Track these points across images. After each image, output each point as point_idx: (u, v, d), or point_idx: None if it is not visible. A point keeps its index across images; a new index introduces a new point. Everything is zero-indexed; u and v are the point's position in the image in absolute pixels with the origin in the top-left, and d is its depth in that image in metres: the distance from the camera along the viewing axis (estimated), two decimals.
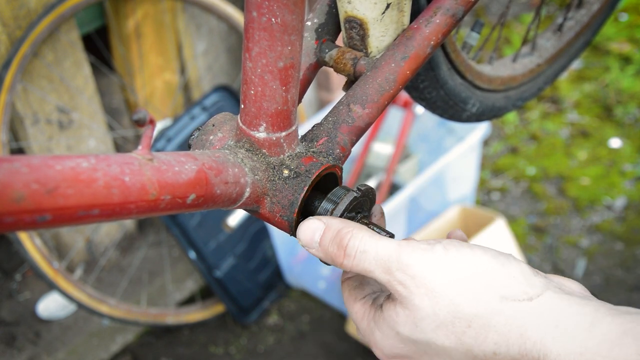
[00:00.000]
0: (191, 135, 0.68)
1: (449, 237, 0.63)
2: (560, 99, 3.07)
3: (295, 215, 0.62)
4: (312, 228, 0.57)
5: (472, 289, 0.51)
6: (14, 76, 1.79)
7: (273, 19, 0.55)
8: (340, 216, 0.59)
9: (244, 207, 0.63)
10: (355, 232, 0.55)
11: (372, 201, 0.65)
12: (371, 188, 0.64)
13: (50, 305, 2.17)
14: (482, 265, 0.52)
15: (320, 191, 0.66)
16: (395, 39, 0.76)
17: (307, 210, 0.64)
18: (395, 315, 0.54)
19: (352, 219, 0.62)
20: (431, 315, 0.52)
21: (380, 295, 0.60)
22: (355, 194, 0.61)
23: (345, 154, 0.69)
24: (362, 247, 0.54)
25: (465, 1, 0.75)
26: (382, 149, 2.49)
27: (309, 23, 0.78)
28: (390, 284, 0.53)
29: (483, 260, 0.52)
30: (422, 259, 0.52)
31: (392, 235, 0.60)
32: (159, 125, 2.21)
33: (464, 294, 0.51)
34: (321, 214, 0.61)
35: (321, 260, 0.61)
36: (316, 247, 0.57)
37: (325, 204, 0.61)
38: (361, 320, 0.59)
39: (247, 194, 0.61)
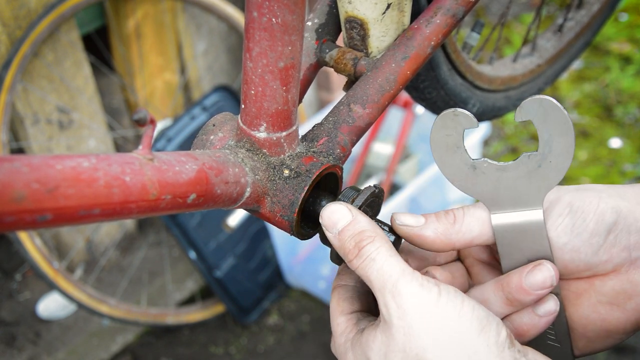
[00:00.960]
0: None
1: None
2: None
3: (295, 215, 0.62)
4: (339, 214, 0.58)
5: (444, 344, 0.52)
6: (14, 76, 1.79)
7: (273, 19, 0.55)
8: (360, 207, 0.60)
9: (244, 206, 0.63)
10: (376, 240, 0.56)
11: (381, 203, 0.65)
12: (383, 190, 0.64)
13: (51, 305, 2.17)
14: (463, 326, 0.52)
15: (322, 191, 0.66)
16: (395, 39, 0.76)
17: (311, 209, 0.64)
18: (372, 340, 0.55)
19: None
20: (401, 351, 0.53)
21: (364, 319, 0.60)
22: (374, 189, 0.62)
23: (346, 154, 0.69)
24: (374, 255, 0.55)
25: (466, 1, 0.75)
26: (382, 149, 2.49)
27: (309, 23, 0.78)
28: (379, 301, 0.54)
29: (465, 320, 0.53)
30: (415, 294, 0.53)
31: (398, 239, 0.60)
32: (159, 125, 2.21)
33: (435, 346, 0.52)
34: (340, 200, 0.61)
35: (324, 242, 0.61)
36: (334, 233, 0.58)
37: (346, 192, 0.61)
38: (340, 335, 0.59)
39: (247, 194, 0.61)
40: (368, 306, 0.62)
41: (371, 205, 0.62)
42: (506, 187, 0.59)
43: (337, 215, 0.58)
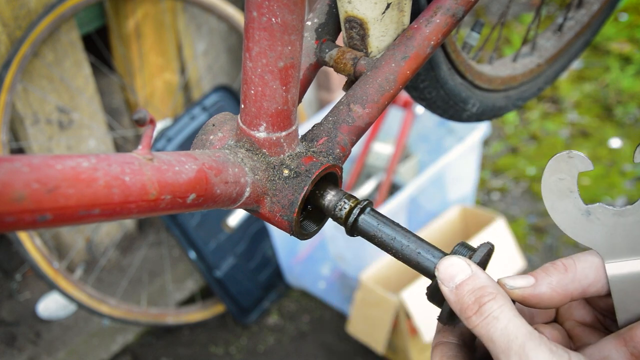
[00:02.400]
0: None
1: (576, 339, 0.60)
2: (560, 99, 3.07)
3: (295, 215, 0.62)
4: (457, 267, 0.55)
5: None
6: (14, 76, 1.79)
7: (273, 19, 0.55)
8: (478, 264, 0.57)
9: (244, 206, 0.63)
10: (498, 297, 0.53)
11: (489, 261, 0.62)
12: (494, 248, 0.61)
13: (51, 305, 2.17)
14: None
15: (327, 188, 0.66)
16: (395, 39, 0.76)
17: (315, 204, 0.64)
18: None
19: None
20: None
21: None
22: (490, 246, 0.59)
23: (345, 154, 0.69)
24: (497, 313, 0.52)
25: (466, 1, 0.75)
26: (382, 149, 2.49)
27: (309, 23, 0.78)
28: None
29: None
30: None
31: None
32: (159, 125, 2.21)
33: None
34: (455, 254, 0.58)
35: (432, 300, 0.58)
36: (451, 288, 0.55)
37: (460, 249, 0.59)
38: None
39: (247, 194, 0.61)
40: None
41: (484, 264, 0.59)
42: (623, 233, 0.55)
43: (455, 269, 0.55)
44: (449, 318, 0.57)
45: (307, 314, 2.35)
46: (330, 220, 0.66)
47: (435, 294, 0.58)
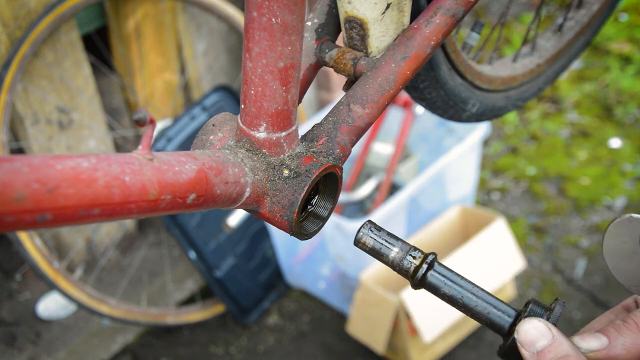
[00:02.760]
0: None
1: None
2: (560, 99, 3.07)
3: (295, 215, 0.62)
4: (539, 332, 0.54)
5: None
6: (14, 76, 1.79)
7: (273, 19, 0.55)
8: (554, 324, 0.57)
9: (244, 207, 0.63)
10: None
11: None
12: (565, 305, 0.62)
13: (51, 305, 2.17)
14: None
15: (320, 191, 0.66)
16: (395, 39, 0.76)
17: (379, 257, 0.63)
18: None
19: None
20: None
21: None
22: (563, 305, 0.59)
23: (346, 154, 0.69)
24: None
25: (466, 1, 0.75)
26: (382, 149, 2.49)
27: (309, 23, 0.78)
28: None
29: None
30: None
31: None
32: (159, 125, 2.21)
33: None
34: (529, 315, 0.58)
35: (504, 357, 0.58)
36: (532, 352, 0.54)
37: (535, 308, 0.59)
38: None
39: (247, 194, 0.61)
40: None
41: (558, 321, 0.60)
42: None
43: (536, 333, 0.54)
44: None
45: (307, 314, 2.35)
46: (330, 219, 0.65)
47: (510, 354, 0.58)
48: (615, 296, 2.21)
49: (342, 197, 2.33)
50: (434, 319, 1.96)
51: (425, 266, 0.60)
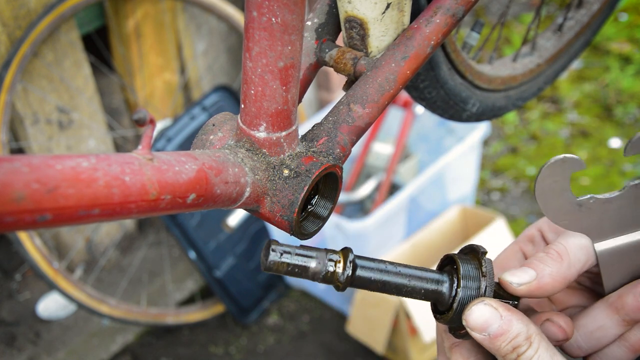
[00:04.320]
0: None
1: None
2: (560, 99, 3.07)
3: (295, 215, 0.62)
4: (489, 316, 0.56)
5: None
6: (14, 76, 1.79)
7: (273, 19, 0.55)
8: (489, 276, 0.58)
9: (244, 206, 0.63)
10: (534, 342, 0.55)
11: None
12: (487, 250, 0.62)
13: (50, 305, 2.17)
14: None
15: (320, 191, 0.66)
16: (395, 39, 0.76)
17: (298, 271, 0.59)
18: None
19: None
20: None
21: None
22: (484, 252, 0.60)
23: (346, 154, 0.69)
24: (536, 359, 0.55)
25: (466, 1, 0.75)
26: (382, 149, 2.49)
27: (309, 23, 0.78)
28: None
29: None
30: None
31: (516, 300, 0.60)
32: (159, 125, 2.21)
33: None
34: (465, 281, 0.59)
35: (454, 332, 0.59)
36: (485, 337, 0.56)
37: (470, 270, 0.59)
38: None
39: (247, 194, 0.61)
40: None
41: (492, 274, 0.60)
42: (611, 216, 0.60)
43: (485, 319, 0.56)
44: (467, 337, 0.59)
45: (307, 314, 2.35)
46: (330, 219, 0.65)
47: (453, 323, 0.59)
48: None
49: (342, 197, 2.33)
50: (434, 319, 1.96)
51: (349, 266, 0.58)
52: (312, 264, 0.57)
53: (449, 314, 0.59)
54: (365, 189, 2.40)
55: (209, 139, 0.65)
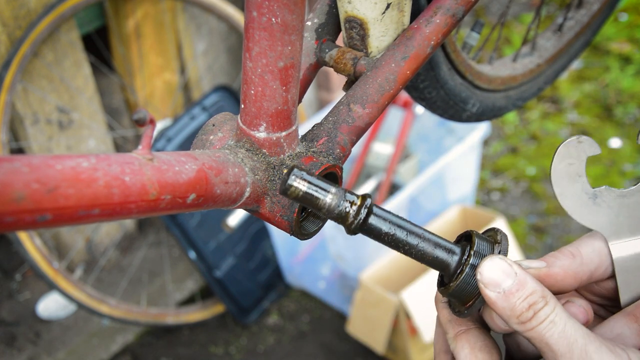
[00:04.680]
0: None
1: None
2: (560, 99, 3.07)
3: (295, 215, 0.62)
4: (503, 272, 0.54)
5: None
6: (14, 76, 1.79)
7: (273, 19, 0.55)
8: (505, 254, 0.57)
9: (244, 206, 0.63)
10: (550, 301, 0.53)
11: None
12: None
13: (50, 305, 2.17)
14: None
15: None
16: (395, 39, 0.76)
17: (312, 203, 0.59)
18: None
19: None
20: None
21: None
22: (503, 232, 0.58)
23: (345, 154, 0.69)
24: (553, 317, 0.53)
25: (466, 1, 0.75)
26: (382, 149, 2.49)
27: (309, 23, 0.78)
28: None
29: None
30: None
31: None
32: (159, 125, 2.21)
33: None
34: (478, 251, 0.57)
35: (449, 295, 0.57)
36: (499, 293, 0.54)
37: (481, 243, 0.57)
38: None
39: (247, 194, 0.61)
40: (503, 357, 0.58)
41: (507, 253, 0.58)
42: (627, 213, 0.57)
43: (499, 274, 0.54)
44: (472, 310, 0.56)
45: (307, 314, 2.35)
46: (330, 221, 0.64)
47: (459, 293, 0.57)
48: None
49: None
50: (434, 318, 1.96)
51: (364, 210, 0.57)
52: (327, 198, 0.56)
53: (456, 281, 0.56)
54: (365, 189, 2.39)
55: (209, 139, 0.65)
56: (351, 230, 0.58)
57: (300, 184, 0.56)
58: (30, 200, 0.42)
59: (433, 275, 1.99)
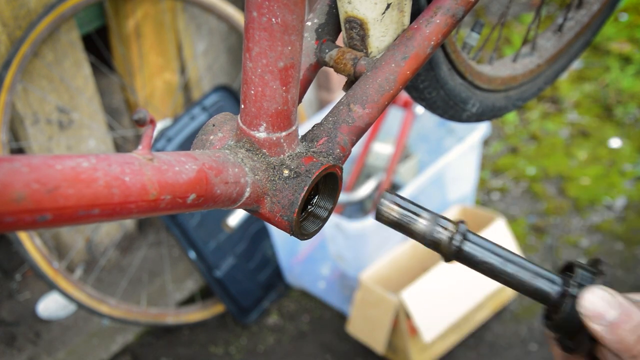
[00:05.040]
0: None
1: None
2: (560, 99, 3.07)
3: (295, 215, 0.62)
4: (606, 303, 0.51)
5: None
6: (14, 76, 1.79)
7: (273, 19, 0.55)
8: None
9: (244, 207, 0.63)
10: None
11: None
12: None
13: (50, 305, 2.17)
14: None
15: (320, 191, 0.66)
16: (395, 39, 0.76)
17: (406, 229, 0.57)
18: None
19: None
20: None
21: None
22: (603, 262, 0.56)
23: (346, 154, 0.69)
24: None
25: (466, 1, 0.75)
26: (382, 149, 2.49)
27: (309, 23, 0.78)
28: None
29: None
30: None
31: None
32: (159, 125, 2.21)
33: None
34: (581, 281, 0.54)
35: (553, 329, 0.54)
36: (604, 325, 0.51)
37: (583, 273, 0.54)
38: None
39: (247, 194, 0.61)
40: None
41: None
42: None
43: (602, 305, 0.51)
44: (581, 345, 0.54)
45: (307, 314, 2.35)
46: (330, 219, 0.64)
47: (565, 325, 0.54)
48: None
49: (342, 197, 2.33)
50: (434, 318, 1.96)
51: (459, 237, 0.55)
52: (420, 225, 0.55)
53: (558, 315, 0.54)
54: (365, 189, 2.39)
55: (209, 139, 0.66)
56: (447, 258, 0.56)
57: (391, 210, 0.56)
58: (30, 200, 0.42)
59: (433, 275, 1.99)
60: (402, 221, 0.56)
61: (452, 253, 0.56)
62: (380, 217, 0.56)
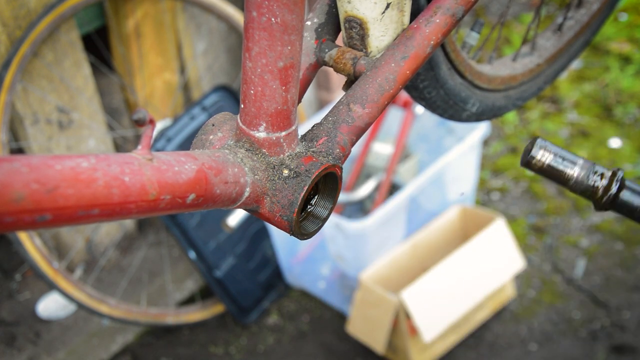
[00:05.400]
0: None
1: None
2: (560, 99, 3.07)
3: (295, 215, 0.62)
4: None
5: None
6: (13, 76, 1.79)
7: (273, 19, 0.55)
8: None
9: (243, 206, 0.63)
10: None
11: None
12: None
13: (50, 305, 2.17)
14: None
15: (320, 191, 0.66)
16: (395, 39, 0.76)
17: (558, 176, 0.54)
18: None
19: None
20: None
21: None
22: None
23: (345, 154, 0.69)
24: None
25: (465, 1, 0.75)
26: (382, 149, 2.49)
27: (308, 23, 0.78)
28: None
29: None
30: None
31: None
32: (159, 125, 2.21)
33: None
34: None
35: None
36: None
37: None
38: None
39: (247, 194, 0.61)
40: None
41: None
42: None
43: None
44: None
45: (307, 314, 2.35)
46: (330, 219, 0.65)
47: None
48: (615, 296, 2.21)
49: (342, 197, 2.33)
50: (434, 318, 1.96)
51: (616, 184, 0.52)
52: (575, 171, 0.52)
53: None
54: (365, 189, 2.39)
55: (208, 139, 0.65)
56: (601, 206, 0.53)
57: (544, 155, 0.52)
58: (30, 200, 0.42)
59: (433, 275, 1.99)
60: (554, 168, 0.53)
61: (608, 200, 0.53)
62: (531, 162, 0.52)
